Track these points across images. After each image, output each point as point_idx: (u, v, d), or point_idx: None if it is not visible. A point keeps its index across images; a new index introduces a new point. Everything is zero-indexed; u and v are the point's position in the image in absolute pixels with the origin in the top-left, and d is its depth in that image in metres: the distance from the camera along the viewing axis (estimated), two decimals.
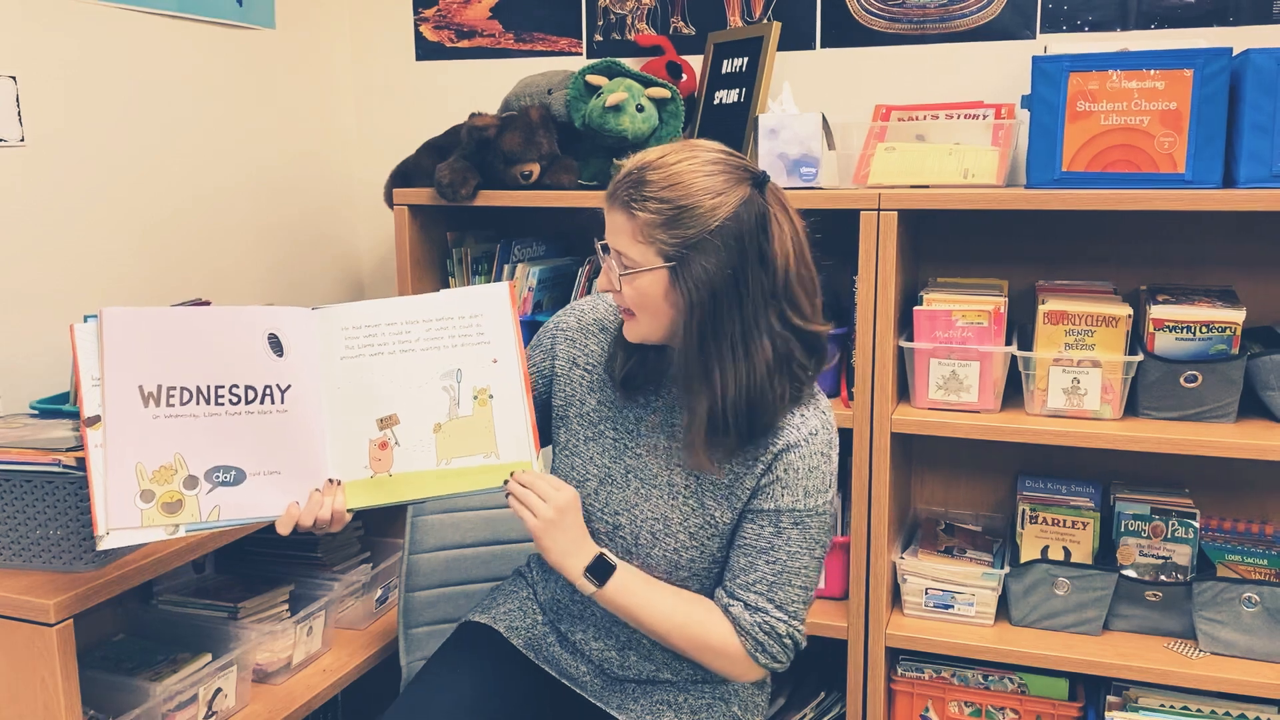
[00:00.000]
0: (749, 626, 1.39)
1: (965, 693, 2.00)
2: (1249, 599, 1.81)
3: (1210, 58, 1.73)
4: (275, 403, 1.39)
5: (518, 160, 2.11)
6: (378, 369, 1.43)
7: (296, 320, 1.43)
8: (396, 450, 1.41)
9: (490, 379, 1.44)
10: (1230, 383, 1.81)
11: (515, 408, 1.43)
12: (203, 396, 1.35)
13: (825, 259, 1.52)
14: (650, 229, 1.32)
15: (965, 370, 1.91)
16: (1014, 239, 2.13)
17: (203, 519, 1.33)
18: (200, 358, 1.36)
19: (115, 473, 1.30)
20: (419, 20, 2.54)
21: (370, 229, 2.66)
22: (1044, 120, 1.81)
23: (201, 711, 1.71)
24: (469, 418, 1.43)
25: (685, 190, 1.31)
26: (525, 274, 2.21)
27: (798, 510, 1.39)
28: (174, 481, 1.32)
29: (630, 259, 1.34)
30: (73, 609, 1.42)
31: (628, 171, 1.36)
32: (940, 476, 2.27)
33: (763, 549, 1.40)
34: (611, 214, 1.36)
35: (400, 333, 1.45)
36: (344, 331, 1.43)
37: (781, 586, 1.39)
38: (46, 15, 1.85)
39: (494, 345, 1.44)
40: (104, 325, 1.32)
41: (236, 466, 1.36)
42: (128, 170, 2.02)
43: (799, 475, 1.39)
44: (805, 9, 2.23)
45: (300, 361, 1.41)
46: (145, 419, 1.32)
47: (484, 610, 1.64)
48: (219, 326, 1.39)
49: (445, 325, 1.45)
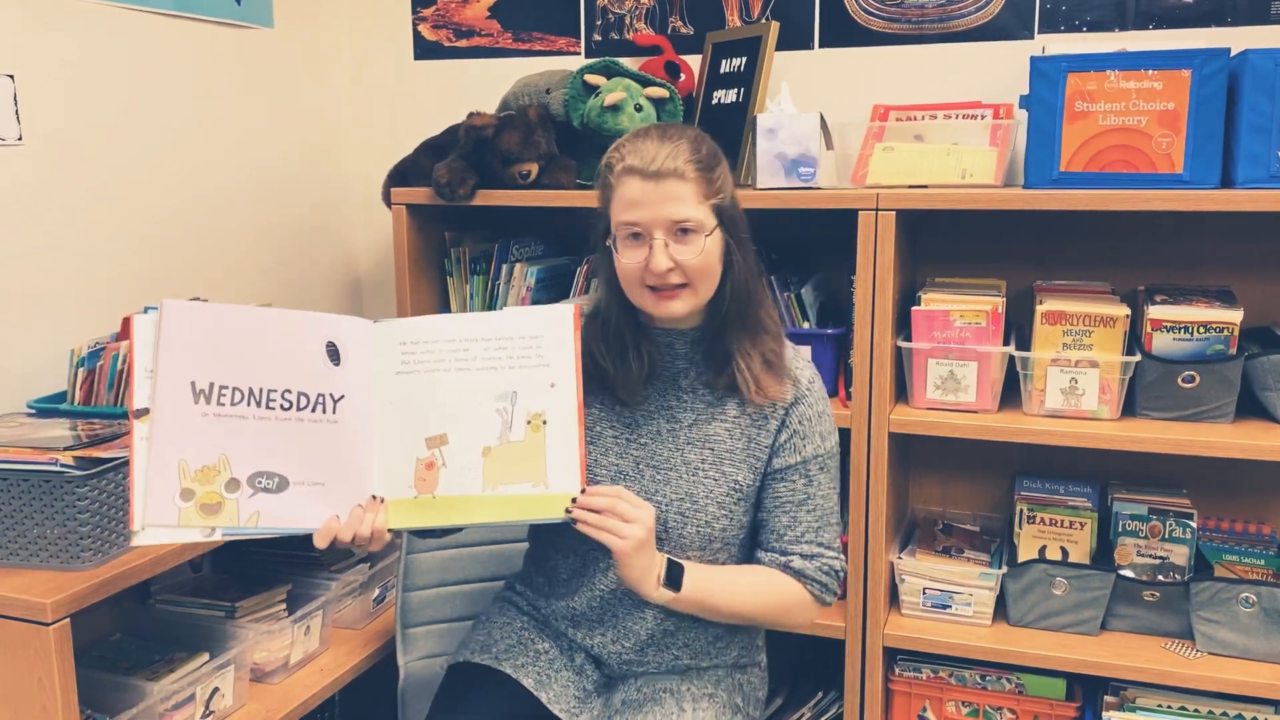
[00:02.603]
0: (812, 573, 1.49)
1: (963, 693, 2.00)
2: (1246, 599, 1.81)
3: (1208, 58, 1.73)
4: (326, 412, 1.37)
5: (516, 160, 2.11)
6: (432, 386, 1.40)
7: (356, 330, 1.41)
8: (443, 471, 1.38)
9: (546, 404, 1.40)
10: (1228, 383, 1.81)
11: (568, 436, 1.39)
12: (254, 399, 1.33)
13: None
14: (706, 186, 1.40)
15: (963, 370, 1.91)
16: (1012, 239, 2.13)
17: (240, 524, 1.31)
18: (256, 359, 1.34)
19: (158, 468, 1.28)
20: (417, 19, 2.54)
21: (368, 228, 2.66)
22: (1042, 120, 1.81)
23: (199, 711, 1.71)
24: (520, 443, 1.39)
25: (703, 139, 1.43)
26: (523, 274, 2.21)
27: (820, 455, 1.51)
28: (215, 483, 1.30)
29: (696, 222, 1.39)
30: (70, 608, 1.42)
31: (649, 152, 1.39)
32: (938, 476, 2.27)
33: (800, 501, 1.50)
34: (660, 187, 1.38)
35: (458, 350, 1.41)
36: (402, 346, 1.41)
37: (824, 529, 1.51)
38: (45, 14, 1.85)
39: (553, 369, 1.40)
40: (163, 317, 1.30)
41: (280, 474, 1.34)
42: (125, 169, 2.02)
43: (813, 423, 1.50)
44: (804, 9, 2.23)
45: (356, 373, 1.39)
46: (194, 416, 1.30)
47: (483, 650, 1.59)
48: (279, 329, 1.36)
49: (505, 345, 1.41)
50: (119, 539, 1.53)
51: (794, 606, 1.50)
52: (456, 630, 1.83)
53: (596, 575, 1.53)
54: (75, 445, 1.52)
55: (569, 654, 1.58)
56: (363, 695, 2.10)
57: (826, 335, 2.03)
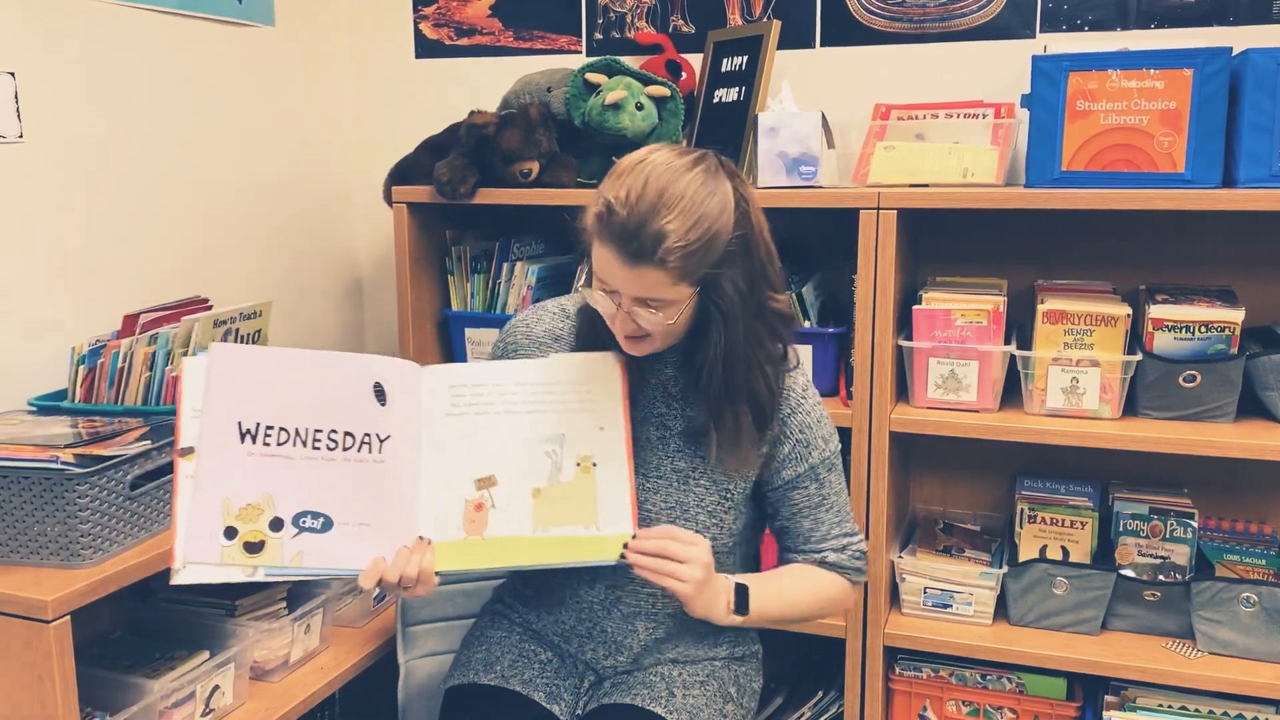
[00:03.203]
0: (846, 563, 1.52)
1: (963, 692, 2.00)
2: (1247, 599, 1.81)
3: (1210, 57, 1.72)
4: (373, 452, 1.36)
5: (517, 158, 2.10)
6: (481, 428, 1.41)
7: (403, 372, 1.42)
8: (492, 513, 1.38)
9: (595, 447, 1.40)
10: (1229, 383, 1.81)
11: (618, 478, 1.40)
12: (300, 438, 1.33)
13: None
14: (686, 271, 1.29)
15: (964, 370, 1.91)
16: (1013, 238, 2.13)
17: (284, 564, 1.30)
18: (303, 399, 1.34)
19: (201, 505, 1.28)
20: (418, 18, 2.53)
21: (369, 226, 2.66)
22: (1043, 120, 1.81)
23: (199, 709, 1.71)
24: (570, 484, 1.39)
25: (702, 217, 1.28)
26: (524, 272, 2.21)
27: (827, 458, 1.51)
28: (259, 521, 1.30)
29: (667, 301, 1.31)
30: (70, 606, 1.42)
31: (635, 224, 1.26)
32: (939, 476, 2.27)
33: (818, 504, 1.51)
34: (635, 272, 1.29)
35: (507, 394, 1.43)
36: (451, 389, 1.42)
37: (844, 521, 1.54)
38: (46, 11, 1.84)
39: (601, 413, 1.41)
40: (212, 360, 1.32)
41: (325, 513, 1.33)
42: (126, 167, 2.02)
43: (814, 429, 1.50)
44: (805, 8, 2.23)
45: (402, 413, 1.40)
46: (240, 454, 1.30)
47: (487, 669, 1.55)
48: (326, 371, 1.38)
49: (553, 389, 1.43)
50: (119, 537, 1.53)
51: (837, 597, 1.54)
52: (457, 628, 1.82)
53: (582, 587, 1.51)
54: (76, 443, 1.52)
55: (570, 663, 1.58)
56: (363, 694, 2.10)
57: (827, 334, 2.03)
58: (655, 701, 1.47)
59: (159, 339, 1.78)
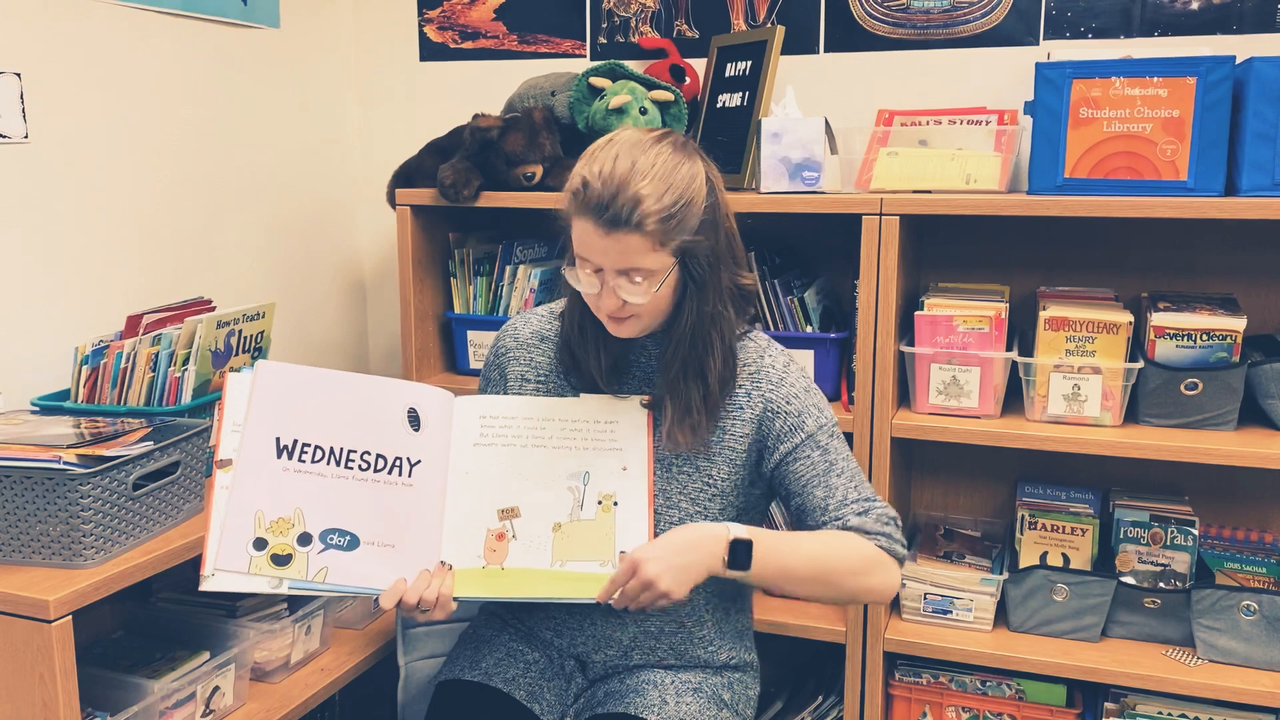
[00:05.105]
0: (872, 526, 1.42)
1: (963, 698, 2.00)
2: (1248, 607, 1.81)
3: (1213, 65, 1.73)
4: (402, 475, 1.41)
5: (520, 161, 2.11)
6: (508, 460, 1.44)
7: (438, 400, 1.47)
8: (513, 544, 1.41)
9: (617, 486, 1.44)
10: (1231, 390, 1.81)
11: (638, 519, 1.42)
12: (334, 458, 1.38)
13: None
14: (665, 235, 1.34)
15: (966, 376, 1.91)
16: (1016, 245, 2.13)
17: (309, 578, 1.33)
18: (340, 420, 1.39)
19: (235, 516, 1.32)
20: (423, 21, 2.54)
21: (372, 229, 2.67)
22: (1047, 126, 1.81)
23: (199, 709, 1.71)
24: (590, 521, 1.42)
25: (674, 184, 1.34)
26: (527, 275, 2.21)
27: (823, 424, 1.48)
28: (288, 534, 1.34)
29: (648, 271, 1.35)
30: (72, 606, 1.42)
31: (609, 193, 1.32)
32: (940, 482, 2.27)
33: (825, 470, 1.46)
34: (613, 239, 1.33)
35: (535, 428, 1.46)
36: (481, 419, 1.46)
37: (858, 485, 1.47)
38: (51, 12, 1.85)
39: (626, 453, 1.45)
40: (256, 376, 1.37)
41: (352, 532, 1.37)
42: (131, 167, 2.02)
43: (802, 399, 1.48)
44: (809, 13, 2.23)
45: (434, 440, 1.44)
46: (275, 469, 1.35)
47: (473, 666, 1.58)
48: (365, 393, 1.43)
49: (580, 428, 1.46)
50: (121, 537, 1.53)
51: (874, 565, 1.40)
52: (456, 631, 1.82)
53: None
54: (78, 443, 1.52)
55: (558, 662, 1.58)
56: (363, 695, 2.10)
57: (829, 339, 2.03)
58: (649, 710, 1.47)
59: (162, 340, 1.79)
